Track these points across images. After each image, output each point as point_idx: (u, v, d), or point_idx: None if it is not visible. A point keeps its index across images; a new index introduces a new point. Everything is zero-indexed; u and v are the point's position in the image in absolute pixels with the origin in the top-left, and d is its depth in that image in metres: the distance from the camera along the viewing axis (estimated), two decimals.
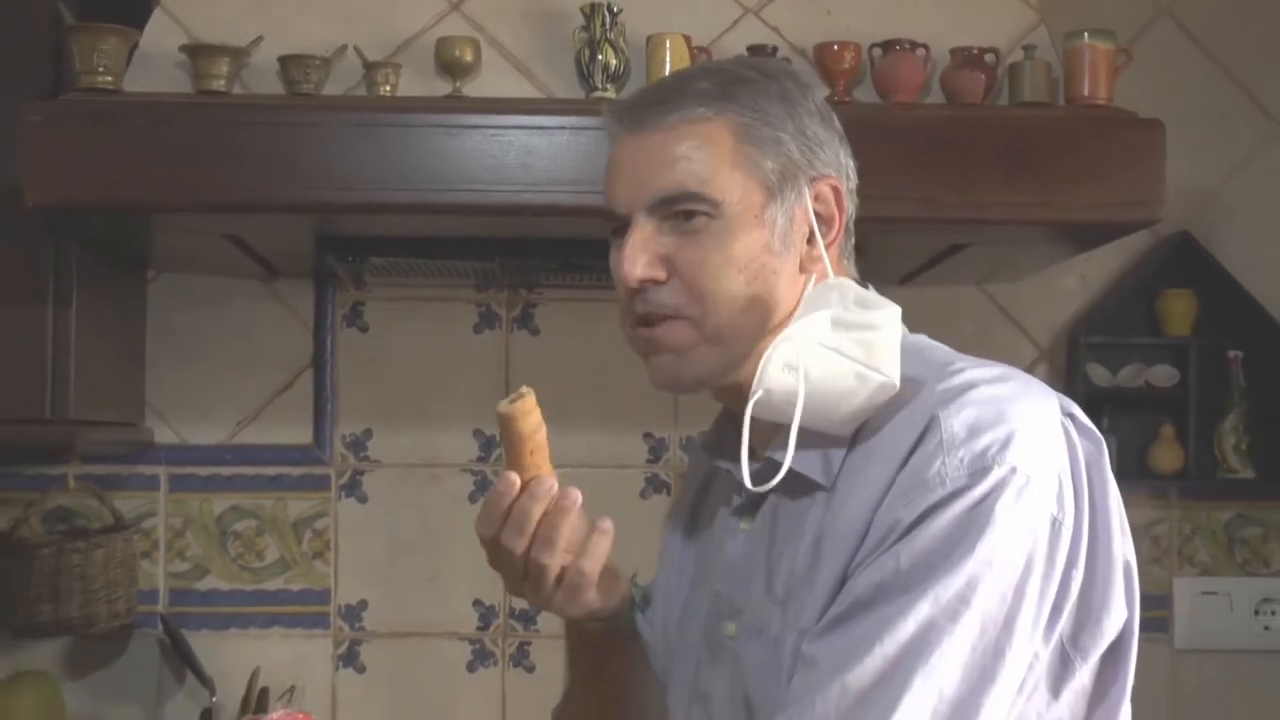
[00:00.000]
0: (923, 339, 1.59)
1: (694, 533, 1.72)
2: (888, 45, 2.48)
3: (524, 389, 1.45)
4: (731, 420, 1.64)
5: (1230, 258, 3.03)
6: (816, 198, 1.54)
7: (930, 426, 1.41)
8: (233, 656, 2.96)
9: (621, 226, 1.54)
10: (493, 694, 3.02)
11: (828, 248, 1.55)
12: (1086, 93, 2.47)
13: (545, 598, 1.51)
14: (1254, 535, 3.06)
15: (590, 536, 1.49)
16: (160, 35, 2.48)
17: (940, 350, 1.56)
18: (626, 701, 1.64)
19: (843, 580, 1.42)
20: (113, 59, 2.42)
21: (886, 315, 1.46)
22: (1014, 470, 1.38)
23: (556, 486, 1.47)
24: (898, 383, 1.44)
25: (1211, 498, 3.06)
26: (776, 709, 1.44)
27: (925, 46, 2.49)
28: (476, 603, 3.02)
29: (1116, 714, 1.49)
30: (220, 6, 2.50)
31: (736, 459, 1.60)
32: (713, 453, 1.68)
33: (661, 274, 1.50)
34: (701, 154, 1.50)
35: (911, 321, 1.64)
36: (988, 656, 1.37)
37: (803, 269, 1.54)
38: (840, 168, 1.58)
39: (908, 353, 1.54)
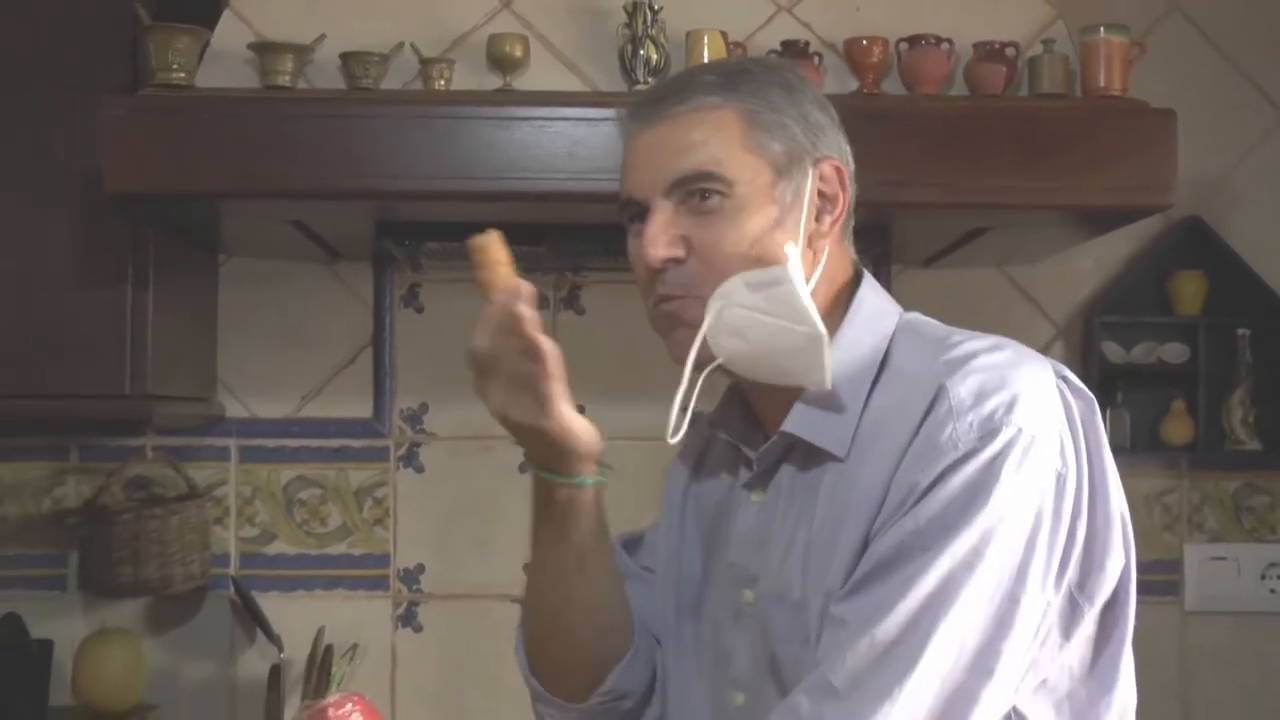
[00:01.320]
0: (917, 316, 1.60)
1: (697, 504, 1.72)
2: (913, 40, 2.47)
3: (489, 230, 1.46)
4: (740, 397, 1.65)
5: (1238, 241, 3.01)
6: (821, 177, 1.55)
7: (939, 395, 1.42)
8: (299, 616, 2.96)
9: (638, 214, 1.54)
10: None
11: (833, 225, 1.55)
12: (1102, 84, 2.46)
13: (541, 403, 1.45)
14: (1260, 503, 3.05)
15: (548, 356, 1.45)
16: (230, 34, 2.49)
17: (934, 325, 1.58)
18: (580, 577, 1.61)
19: (864, 544, 1.43)
20: (186, 57, 2.44)
21: (784, 269, 1.47)
22: (1020, 430, 1.39)
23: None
24: (822, 332, 1.46)
25: (1220, 468, 3.04)
26: (805, 668, 1.45)
27: (949, 41, 2.48)
28: (527, 566, 3.02)
29: (1120, 656, 1.50)
30: (286, 7, 2.51)
31: (744, 436, 1.61)
32: (720, 429, 1.68)
33: (681, 253, 1.50)
34: (713, 138, 1.51)
35: (935, 301, 1.65)
36: (1004, 605, 1.38)
37: (810, 244, 1.54)
38: (841, 152, 1.58)
39: (905, 330, 1.56)
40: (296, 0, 2.51)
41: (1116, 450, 1.93)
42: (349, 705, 1.46)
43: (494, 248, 1.47)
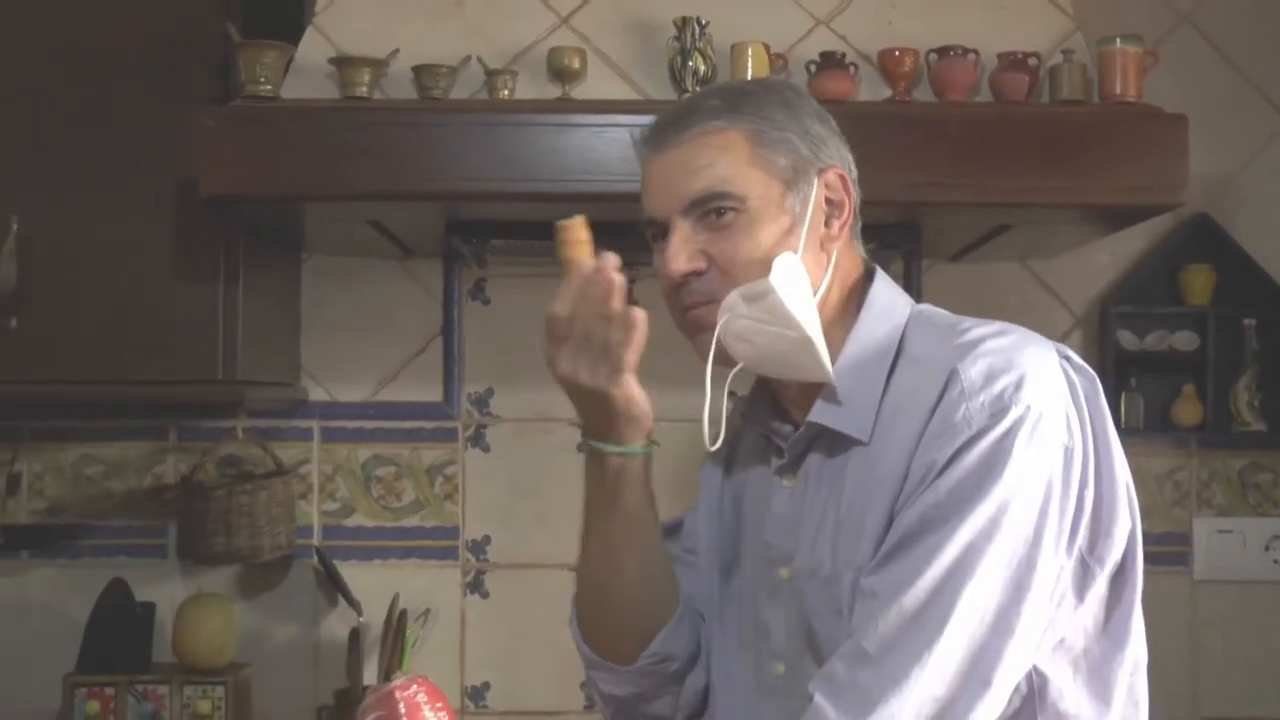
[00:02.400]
0: (927, 307, 1.62)
1: (733, 490, 1.73)
2: (942, 51, 2.47)
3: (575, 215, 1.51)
4: (767, 390, 1.66)
5: (1245, 237, 2.99)
6: (827, 185, 1.56)
7: (951, 378, 1.43)
8: (376, 584, 2.97)
9: (659, 232, 1.56)
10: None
11: (841, 228, 1.57)
12: (1118, 91, 2.45)
13: (599, 374, 1.49)
14: (1265, 481, 3.03)
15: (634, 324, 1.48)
16: (312, 49, 2.51)
17: (944, 314, 1.59)
18: (630, 544, 1.64)
19: (889, 520, 1.45)
20: (272, 71, 2.45)
21: (767, 282, 1.47)
22: (1028, 408, 1.41)
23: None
24: (809, 335, 1.48)
25: (1227, 448, 3.02)
26: (838, 638, 1.46)
27: (975, 52, 2.48)
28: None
29: (1130, 615, 1.52)
30: (363, 24, 2.52)
31: (774, 426, 1.63)
32: (750, 420, 1.70)
33: (702, 265, 1.52)
34: (722, 159, 1.52)
35: (961, 293, 1.66)
36: (1022, 569, 1.39)
37: (822, 248, 1.56)
38: (843, 160, 1.59)
39: (917, 320, 1.58)
40: (372, 18, 2.52)
41: (1131, 431, 1.95)
42: (414, 687, 1.48)
43: (579, 228, 1.52)
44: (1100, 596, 1.49)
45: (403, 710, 1.52)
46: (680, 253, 1.53)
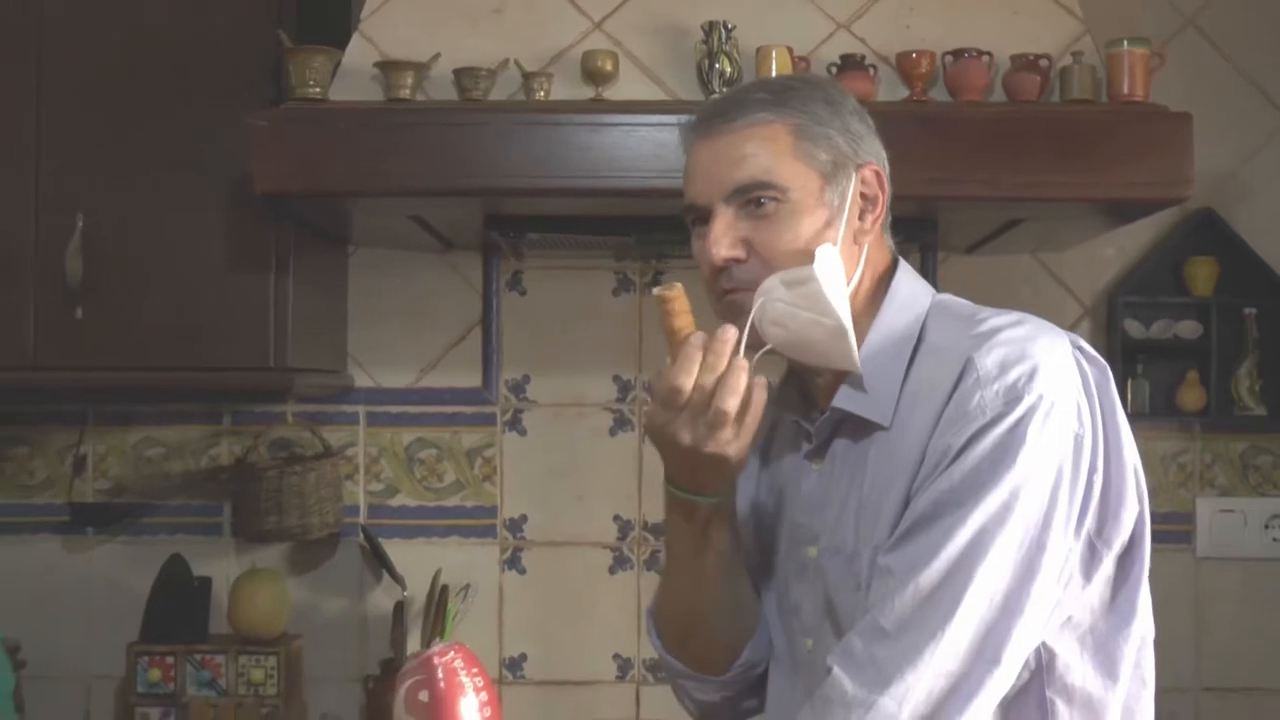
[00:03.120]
0: (947, 296, 1.61)
1: (767, 472, 1.73)
2: (957, 53, 2.47)
3: (674, 283, 1.49)
4: (796, 378, 1.66)
5: (1246, 230, 2.98)
6: (863, 181, 1.55)
7: (967, 367, 1.43)
8: (419, 560, 2.98)
9: (701, 217, 1.55)
10: (629, 592, 3.04)
11: (874, 222, 1.57)
12: (1126, 91, 2.44)
13: (722, 440, 1.45)
14: (1265, 462, 3.02)
15: (754, 391, 1.46)
16: (358, 54, 2.51)
17: (963, 304, 1.58)
18: (721, 577, 1.62)
19: (905, 502, 1.45)
20: (321, 74, 2.46)
21: (811, 269, 1.47)
22: (1041, 397, 1.40)
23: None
24: (844, 324, 1.47)
25: (1229, 431, 3.01)
26: (857, 612, 1.46)
27: (989, 54, 2.47)
28: (616, 517, 3.04)
29: (1137, 593, 1.51)
30: (406, 29, 2.52)
31: (802, 412, 1.63)
32: (782, 407, 1.69)
33: (742, 253, 1.52)
34: (767, 150, 1.51)
35: (975, 285, 1.66)
36: (1031, 551, 1.39)
37: (855, 241, 1.55)
38: (879, 157, 1.58)
39: (937, 309, 1.57)
40: (415, 23, 2.53)
41: (1137, 416, 1.94)
42: (451, 653, 1.49)
43: (680, 298, 1.49)
44: (1107, 576, 1.49)
45: (440, 675, 1.52)
46: (723, 238, 1.52)
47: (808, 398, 1.64)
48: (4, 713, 1.84)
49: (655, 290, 1.50)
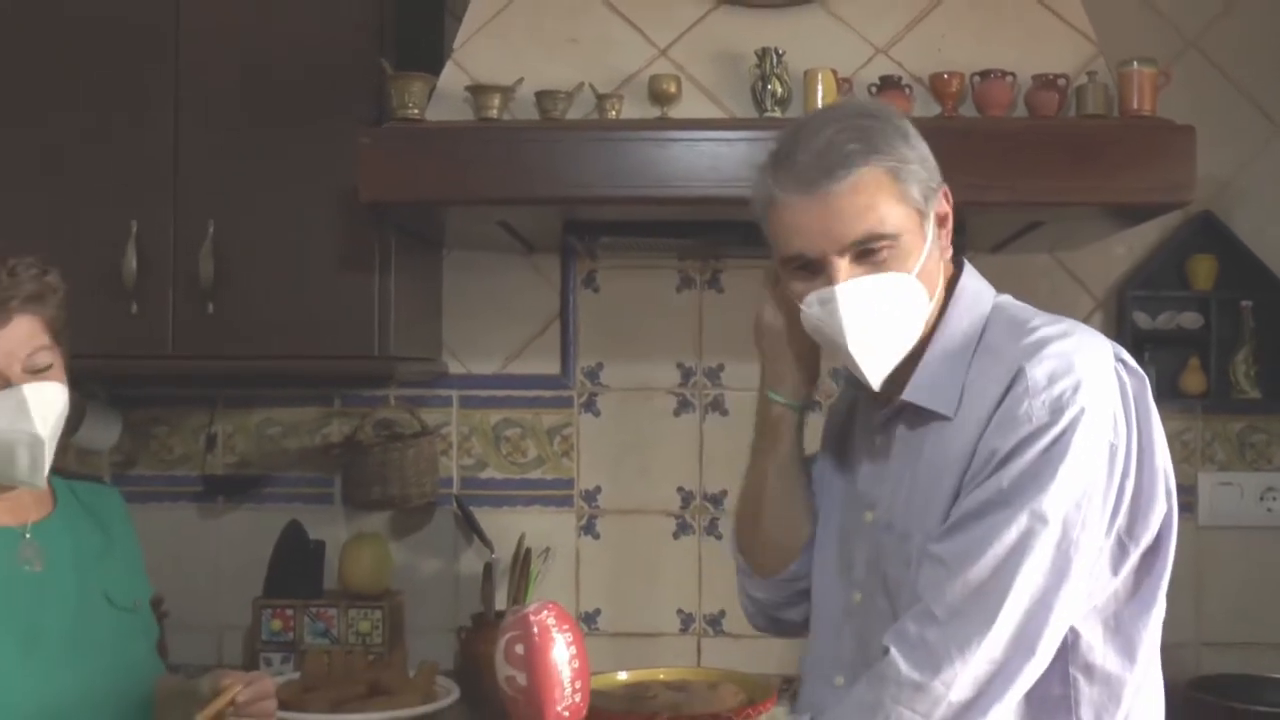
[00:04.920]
0: (1007, 299, 1.60)
1: (842, 442, 1.74)
2: (984, 73, 2.45)
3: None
4: None
5: (1243, 230, 2.94)
6: (943, 200, 1.55)
7: (1018, 376, 1.43)
8: (505, 526, 2.99)
9: (806, 264, 1.51)
10: (691, 555, 3.04)
11: (948, 237, 1.57)
12: (1135, 106, 2.41)
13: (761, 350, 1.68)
14: (1259, 440, 2.98)
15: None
16: (451, 79, 2.52)
17: (1020, 310, 1.57)
18: (781, 478, 1.69)
19: (956, 494, 1.45)
20: (418, 97, 2.47)
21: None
22: (1083, 410, 1.40)
23: None
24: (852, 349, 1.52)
25: (1227, 412, 2.98)
26: (904, 587, 1.48)
27: (1013, 74, 2.45)
28: (679, 489, 3.04)
29: (1160, 584, 1.51)
30: (493, 57, 2.53)
31: (872, 394, 1.61)
32: (855, 387, 1.70)
33: None
34: (875, 202, 1.46)
35: (998, 281, 1.65)
36: (1069, 552, 1.39)
37: (941, 256, 1.56)
38: (940, 174, 1.57)
39: (998, 312, 1.56)
40: (501, 52, 2.53)
41: None
42: (545, 611, 1.50)
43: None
44: (1133, 568, 1.48)
45: (535, 631, 1.53)
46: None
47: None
48: (152, 659, 1.87)
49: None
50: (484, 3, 2.55)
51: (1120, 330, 2.93)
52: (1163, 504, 1.47)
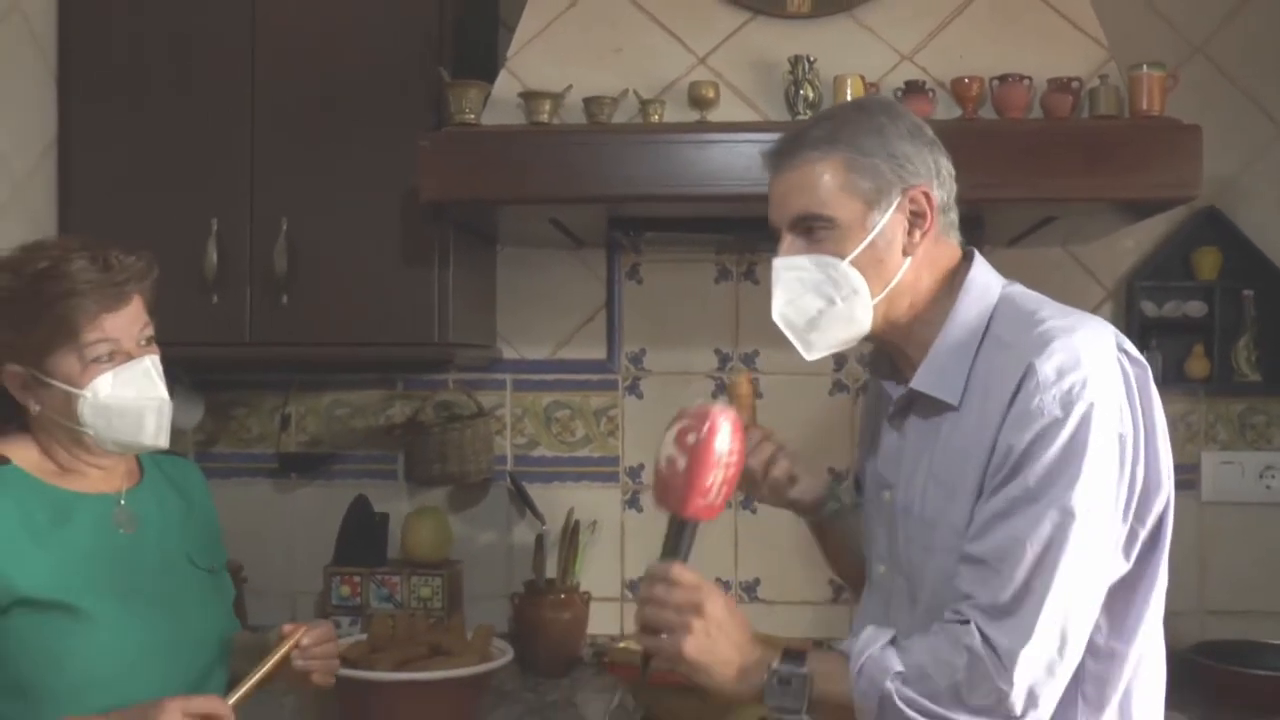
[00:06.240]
0: (1015, 288, 1.57)
1: (875, 422, 1.73)
2: (1003, 78, 2.42)
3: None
4: (886, 352, 1.65)
5: (1246, 224, 2.90)
6: (912, 201, 1.52)
7: (1028, 372, 1.41)
8: (555, 500, 2.99)
9: (777, 233, 1.58)
10: (728, 530, 3.03)
11: (923, 236, 1.53)
12: (1145, 107, 2.38)
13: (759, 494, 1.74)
14: (1259, 422, 2.94)
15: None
16: (505, 86, 2.52)
17: (1028, 299, 1.54)
18: (843, 545, 1.78)
19: (978, 486, 1.43)
20: (474, 103, 2.48)
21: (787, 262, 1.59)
22: (1092, 405, 1.38)
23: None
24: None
25: (1229, 395, 2.93)
26: (921, 571, 1.48)
27: (1029, 78, 2.43)
28: None
29: (1162, 559, 1.49)
30: (544, 66, 2.53)
31: (891, 378, 1.62)
32: (872, 370, 1.70)
33: None
34: (818, 185, 1.50)
35: (1014, 272, 1.63)
36: (1093, 541, 1.38)
37: (905, 252, 1.52)
38: (930, 170, 1.53)
39: (1005, 303, 1.54)
40: (551, 61, 2.53)
41: None
42: (726, 415, 1.45)
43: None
44: (1138, 549, 1.46)
45: (706, 427, 1.48)
46: (787, 254, 1.56)
47: (895, 370, 1.62)
48: (230, 616, 1.91)
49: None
50: (536, 15, 2.55)
51: (1128, 318, 2.90)
52: (1166, 486, 1.46)
